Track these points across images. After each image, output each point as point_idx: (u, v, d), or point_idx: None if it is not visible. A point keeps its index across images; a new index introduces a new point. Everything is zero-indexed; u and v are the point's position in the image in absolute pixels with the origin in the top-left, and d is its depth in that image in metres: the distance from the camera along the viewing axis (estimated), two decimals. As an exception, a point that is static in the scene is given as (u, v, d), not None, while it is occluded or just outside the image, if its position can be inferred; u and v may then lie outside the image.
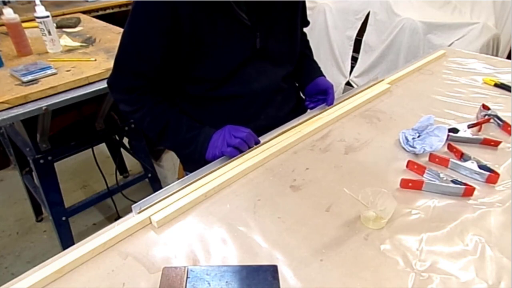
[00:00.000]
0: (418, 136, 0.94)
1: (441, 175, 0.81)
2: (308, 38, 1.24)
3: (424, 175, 0.84)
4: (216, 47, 0.92)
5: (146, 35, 0.88)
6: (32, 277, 0.62)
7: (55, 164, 1.53)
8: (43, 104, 1.19)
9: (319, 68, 1.20)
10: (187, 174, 0.86)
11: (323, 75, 1.15)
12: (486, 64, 1.40)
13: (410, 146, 0.91)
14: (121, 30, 1.72)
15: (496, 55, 2.08)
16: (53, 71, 1.29)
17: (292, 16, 1.03)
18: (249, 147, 0.91)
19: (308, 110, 1.14)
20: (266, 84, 1.02)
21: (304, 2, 1.08)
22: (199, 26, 0.87)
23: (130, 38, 0.91)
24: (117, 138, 1.77)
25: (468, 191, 0.78)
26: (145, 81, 0.95)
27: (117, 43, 0.93)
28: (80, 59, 1.41)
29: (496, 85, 1.23)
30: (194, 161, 0.97)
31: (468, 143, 0.95)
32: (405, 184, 0.81)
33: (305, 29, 1.19)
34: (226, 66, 0.95)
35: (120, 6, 2.46)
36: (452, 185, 0.79)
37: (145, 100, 0.97)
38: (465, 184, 0.79)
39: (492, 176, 0.82)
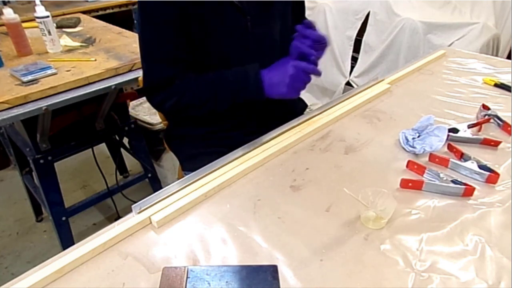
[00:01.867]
0: (418, 136, 0.94)
1: (441, 175, 0.81)
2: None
3: (424, 175, 0.84)
4: (212, 27, 0.93)
5: (162, 14, 0.89)
6: (32, 277, 0.62)
7: (55, 164, 1.53)
8: (43, 104, 1.19)
9: None
10: (186, 174, 0.86)
11: None
12: (486, 64, 1.40)
13: (410, 146, 0.91)
14: (121, 30, 1.75)
15: (496, 55, 2.08)
16: (53, 71, 1.29)
17: (284, 10, 1.04)
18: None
19: (308, 110, 1.13)
20: None
21: (304, 4, 1.08)
22: (199, 5, 0.89)
23: (150, 31, 0.92)
24: (117, 138, 1.77)
25: (468, 191, 0.78)
26: (180, 66, 0.95)
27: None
28: (80, 59, 1.41)
29: (496, 85, 1.23)
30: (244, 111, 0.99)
31: (468, 143, 0.94)
32: (405, 184, 0.80)
33: None
34: (223, 53, 0.96)
35: (120, 6, 2.47)
36: (452, 185, 0.79)
37: (184, 82, 0.96)
38: (465, 184, 0.79)
39: (492, 176, 0.82)
